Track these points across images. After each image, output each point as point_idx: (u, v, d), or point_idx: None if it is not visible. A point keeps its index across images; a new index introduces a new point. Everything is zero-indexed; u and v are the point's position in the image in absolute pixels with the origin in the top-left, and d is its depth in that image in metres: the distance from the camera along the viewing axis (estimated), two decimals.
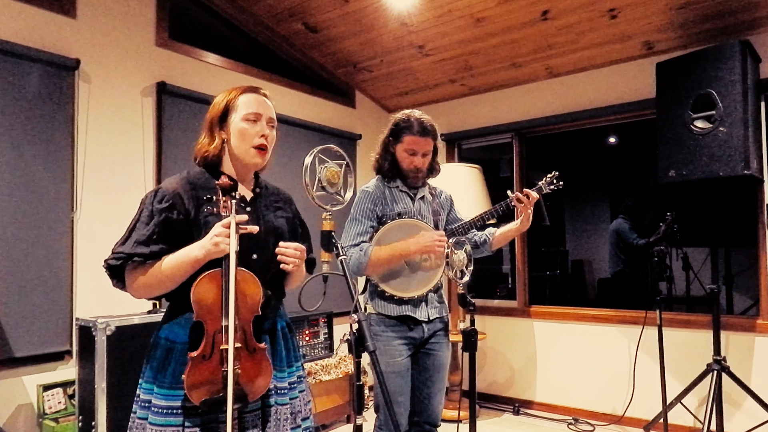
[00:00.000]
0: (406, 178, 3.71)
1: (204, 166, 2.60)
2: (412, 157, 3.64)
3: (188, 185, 2.48)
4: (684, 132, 4.74)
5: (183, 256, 2.32)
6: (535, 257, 7.19)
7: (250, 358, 2.34)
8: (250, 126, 2.57)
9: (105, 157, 4.68)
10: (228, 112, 2.59)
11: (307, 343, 5.54)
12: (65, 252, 4.40)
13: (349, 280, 2.45)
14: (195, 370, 2.23)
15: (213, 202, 2.37)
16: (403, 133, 3.62)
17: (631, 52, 5.72)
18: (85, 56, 4.60)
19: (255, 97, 2.64)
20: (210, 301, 2.29)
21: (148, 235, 2.34)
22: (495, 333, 6.73)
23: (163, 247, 2.35)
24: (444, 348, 3.69)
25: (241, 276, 2.33)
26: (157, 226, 2.36)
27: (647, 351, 5.60)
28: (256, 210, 2.59)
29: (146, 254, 2.32)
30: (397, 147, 3.66)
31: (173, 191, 2.43)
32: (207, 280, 2.29)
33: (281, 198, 2.81)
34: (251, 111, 2.58)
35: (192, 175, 2.55)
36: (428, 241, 3.48)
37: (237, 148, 2.56)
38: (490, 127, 6.82)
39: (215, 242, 2.26)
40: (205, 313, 2.29)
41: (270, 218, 2.63)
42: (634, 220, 8.07)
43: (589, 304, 9.21)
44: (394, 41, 5.97)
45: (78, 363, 4.18)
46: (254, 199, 2.64)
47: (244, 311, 2.34)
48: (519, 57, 6.02)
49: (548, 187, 3.92)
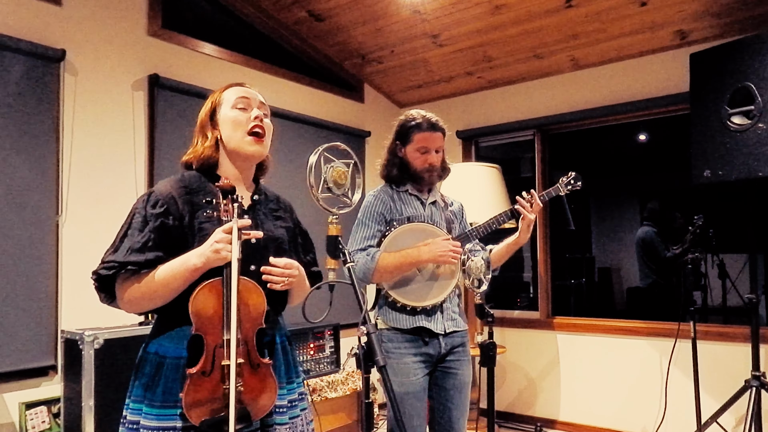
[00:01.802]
0: (420, 180, 3.70)
1: (198, 170, 2.59)
2: (426, 155, 3.64)
3: (182, 188, 2.47)
4: (720, 129, 4.71)
5: (179, 265, 2.31)
6: (558, 264, 7.17)
7: (253, 374, 2.33)
8: (241, 113, 2.58)
9: (93, 156, 4.68)
10: (215, 110, 2.61)
11: (311, 357, 5.53)
12: (49, 258, 4.39)
13: (357, 288, 2.43)
14: (194, 388, 2.21)
15: (213, 206, 2.35)
16: (412, 132, 3.64)
17: (663, 42, 5.70)
18: (72, 46, 4.59)
19: (240, 88, 2.68)
20: (210, 312, 2.27)
21: (143, 242, 2.32)
22: (515, 346, 6.70)
23: (159, 254, 2.34)
24: (465, 366, 3.64)
25: (244, 285, 2.32)
26: (152, 232, 2.34)
27: (680, 366, 5.57)
28: (254, 218, 2.58)
29: (141, 263, 2.30)
30: (407, 149, 3.66)
31: (167, 195, 2.42)
32: (207, 290, 2.28)
33: (281, 206, 2.80)
34: (239, 96, 2.61)
35: (186, 177, 2.54)
36: (442, 249, 3.46)
37: (231, 139, 2.56)
38: (510, 123, 6.81)
39: (216, 249, 2.25)
40: (205, 326, 2.27)
41: (269, 227, 2.62)
42: (660, 225, 8.01)
43: (617, 315, 9.17)
44: (406, 30, 5.96)
45: (63, 379, 4.17)
46: (252, 207, 2.63)
47: (247, 323, 2.33)
48: (541, 47, 6.01)
49: (566, 189, 3.90)
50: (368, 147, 7.02)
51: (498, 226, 3.76)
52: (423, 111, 3.70)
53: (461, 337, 3.66)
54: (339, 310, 3.55)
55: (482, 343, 3.39)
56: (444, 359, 3.58)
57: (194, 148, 2.61)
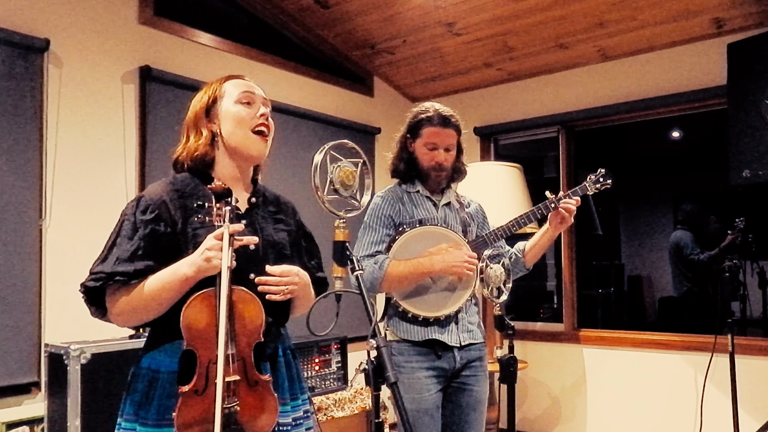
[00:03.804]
0: (427, 179, 3.70)
1: (190, 171, 2.58)
2: (433, 152, 3.64)
3: (174, 192, 2.47)
4: (760, 124, 4.70)
5: (170, 275, 2.30)
6: (585, 272, 7.16)
7: (251, 393, 2.32)
8: (245, 108, 2.58)
9: (79, 155, 4.67)
10: (214, 103, 2.59)
11: (317, 373, 5.51)
12: (32, 266, 4.37)
13: (366, 298, 2.42)
14: (187, 407, 2.21)
15: (205, 210, 2.33)
16: (422, 125, 3.64)
17: (698, 31, 5.67)
18: (56, 36, 4.57)
19: (243, 81, 2.68)
20: (202, 326, 2.26)
21: (132, 250, 2.32)
22: (538, 361, 6.68)
23: (150, 264, 2.34)
24: (481, 381, 3.63)
25: (239, 296, 2.31)
26: (142, 240, 2.34)
27: (717, 382, 5.54)
28: (253, 222, 2.57)
29: (130, 273, 2.30)
30: (416, 143, 3.66)
31: (158, 199, 2.42)
32: (199, 301, 2.27)
33: (282, 207, 2.79)
34: (243, 91, 2.60)
35: (178, 180, 2.53)
36: (456, 260, 3.44)
37: (233, 136, 2.56)
38: (533, 119, 6.80)
39: (206, 257, 2.24)
40: (197, 341, 2.26)
41: (269, 232, 2.62)
42: (695, 229, 7.98)
43: (648, 327, 9.18)
44: (419, 18, 5.94)
45: (47, 397, 4.17)
46: (250, 210, 2.62)
47: (243, 337, 2.32)
48: (566, 37, 5.99)
49: (594, 187, 3.87)
50: (378, 145, 7.01)
51: (519, 229, 3.74)
52: (438, 104, 3.69)
53: (478, 351, 3.65)
54: (346, 322, 3.55)
55: (502, 357, 3.39)
56: (459, 374, 3.57)
57: (185, 144, 2.60)
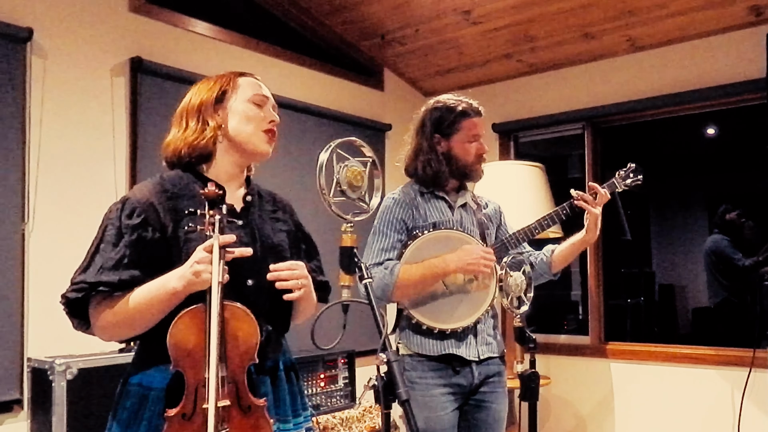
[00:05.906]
0: (470, 175, 3.76)
1: (182, 166, 2.56)
2: (477, 144, 3.71)
3: (163, 194, 2.46)
4: None
5: (157, 288, 2.29)
6: (612, 281, 7.15)
7: (244, 419, 2.30)
8: (256, 108, 2.61)
9: (65, 153, 4.66)
10: (224, 95, 2.59)
11: (322, 390, 5.51)
12: (14, 274, 4.37)
13: (375, 309, 2.42)
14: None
15: (196, 217, 2.32)
16: (459, 119, 3.69)
17: (735, 20, 5.64)
18: (40, 25, 4.57)
19: (257, 82, 2.72)
20: (190, 345, 2.25)
21: (117, 259, 2.31)
22: (562, 377, 6.67)
23: (136, 274, 2.33)
24: (500, 399, 3.63)
25: (232, 312, 2.30)
26: (127, 247, 2.33)
27: (755, 400, 5.52)
28: (250, 223, 2.57)
29: (114, 283, 2.29)
30: (454, 140, 3.68)
31: (145, 202, 2.41)
32: (188, 318, 2.26)
33: (279, 206, 2.78)
34: (258, 93, 2.62)
35: (167, 180, 2.52)
36: (472, 257, 3.44)
37: (241, 132, 2.58)
38: (556, 114, 6.79)
39: (195, 271, 2.21)
40: (185, 361, 2.25)
41: (267, 233, 2.61)
42: (734, 234, 7.95)
43: (681, 340, 9.17)
44: (433, 5, 5.93)
45: (30, 415, 4.19)
46: (246, 209, 2.62)
47: (236, 358, 2.31)
48: (592, 26, 5.96)
49: (623, 183, 3.88)
50: (388, 142, 7.01)
51: (542, 231, 3.73)
52: (455, 95, 3.71)
53: (497, 365, 3.65)
54: (354, 334, 3.52)
55: (523, 373, 3.38)
56: (477, 391, 3.57)
57: (183, 133, 2.59)
